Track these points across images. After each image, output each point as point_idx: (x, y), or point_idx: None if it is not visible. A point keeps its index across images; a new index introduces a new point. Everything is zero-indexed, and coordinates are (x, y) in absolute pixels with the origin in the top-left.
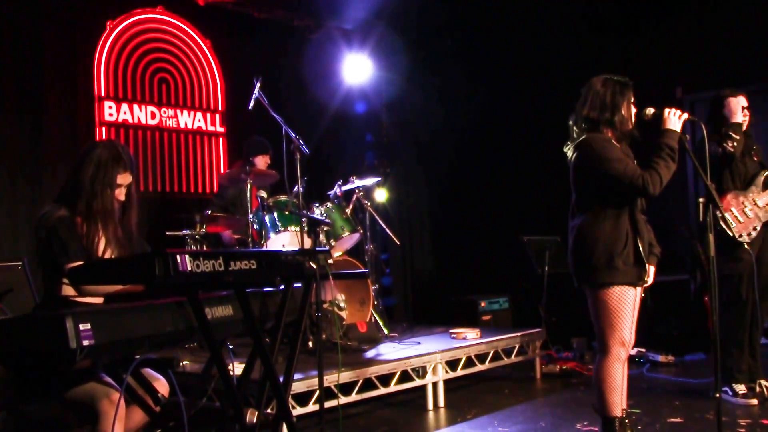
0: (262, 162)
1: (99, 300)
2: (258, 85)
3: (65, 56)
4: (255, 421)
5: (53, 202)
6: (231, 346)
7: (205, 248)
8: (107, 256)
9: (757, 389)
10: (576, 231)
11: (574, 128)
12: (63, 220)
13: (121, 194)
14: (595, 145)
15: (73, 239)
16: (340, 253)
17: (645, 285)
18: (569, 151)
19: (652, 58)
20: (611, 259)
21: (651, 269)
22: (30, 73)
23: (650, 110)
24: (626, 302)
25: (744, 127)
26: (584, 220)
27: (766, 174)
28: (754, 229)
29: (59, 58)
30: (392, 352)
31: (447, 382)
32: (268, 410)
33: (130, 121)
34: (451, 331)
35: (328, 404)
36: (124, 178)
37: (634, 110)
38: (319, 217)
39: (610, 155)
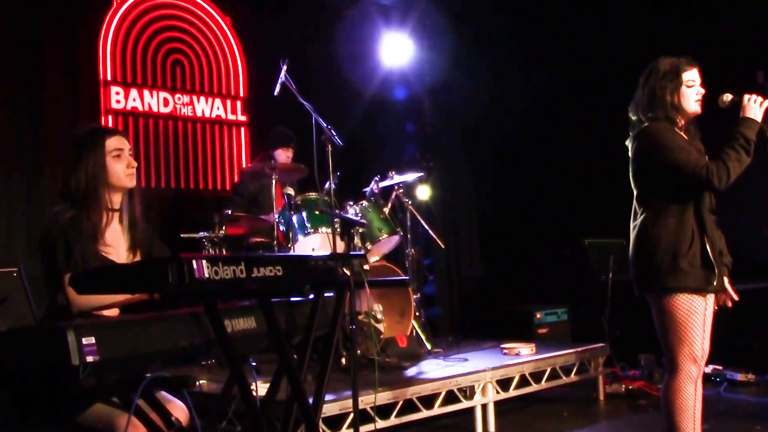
0: (283, 156)
1: (113, 312)
2: (284, 68)
3: (66, 36)
4: None
5: (63, 200)
6: (254, 363)
7: (224, 252)
8: (121, 257)
9: None
10: (636, 231)
11: (633, 118)
12: (73, 221)
13: (131, 162)
14: (655, 134)
15: (80, 245)
16: (378, 258)
17: (718, 292)
18: (630, 144)
19: (731, 38)
20: (675, 260)
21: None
22: (27, 56)
23: (728, 96)
24: (695, 312)
25: None
26: (645, 218)
27: None
28: None
29: (59, 38)
30: (436, 369)
31: (498, 404)
32: None
33: (140, 108)
34: (502, 346)
35: (363, 429)
36: (117, 141)
37: (700, 91)
38: (354, 218)
39: (670, 144)
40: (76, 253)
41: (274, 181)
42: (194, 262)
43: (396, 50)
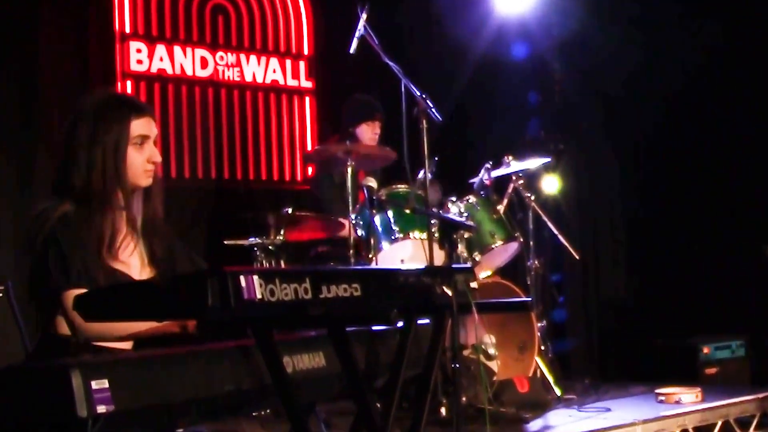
0: (368, 133)
1: (125, 345)
2: (364, 17)
3: None
4: None
5: (52, 194)
6: (323, 415)
7: (283, 265)
8: (135, 272)
9: None
10: None
11: None
12: (66, 220)
13: (154, 156)
14: None
15: (80, 254)
16: (489, 273)
17: None
18: None
19: None
20: None
21: None
22: (16, 1)
23: None
24: None
25: None
26: None
27: None
28: None
29: None
30: (568, 422)
31: None
32: None
33: (170, 71)
34: (657, 391)
35: None
36: (145, 125)
37: None
38: (458, 218)
39: None
40: (76, 263)
41: (350, 169)
42: (242, 278)
43: None
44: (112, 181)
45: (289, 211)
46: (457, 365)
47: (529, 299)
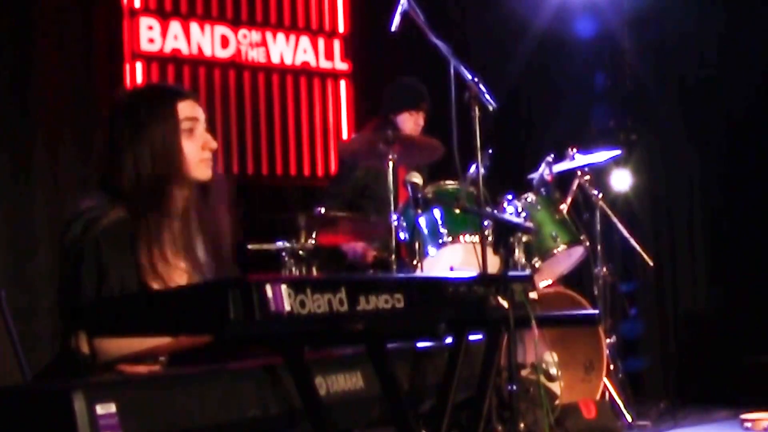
0: (409, 123)
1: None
2: None
3: None
4: None
5: (104, 194)
6: None
7: (315, 272)
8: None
9: None
10: None
11: None
12: (115, 227)
13: (209, 140)
14: None
15: (120, 263)
16: (551, 282)
17: None
18: None
19: None
20: None
21: None
22: None
23: None
24: None
25: None
26: None
27: None
28: None
29: None
30: None
31: None
32: None
33: (185, 51)
34: (742, 417)
35: None
36: (192, 108)
37: None
38: (515, 219)
39: None
40: (114, 275)
41: (392, 164)
42: (268, 287)
43: None
44: (165, 179)
45: (322, 211)
46: (515, 387)
47: (597, 312)
